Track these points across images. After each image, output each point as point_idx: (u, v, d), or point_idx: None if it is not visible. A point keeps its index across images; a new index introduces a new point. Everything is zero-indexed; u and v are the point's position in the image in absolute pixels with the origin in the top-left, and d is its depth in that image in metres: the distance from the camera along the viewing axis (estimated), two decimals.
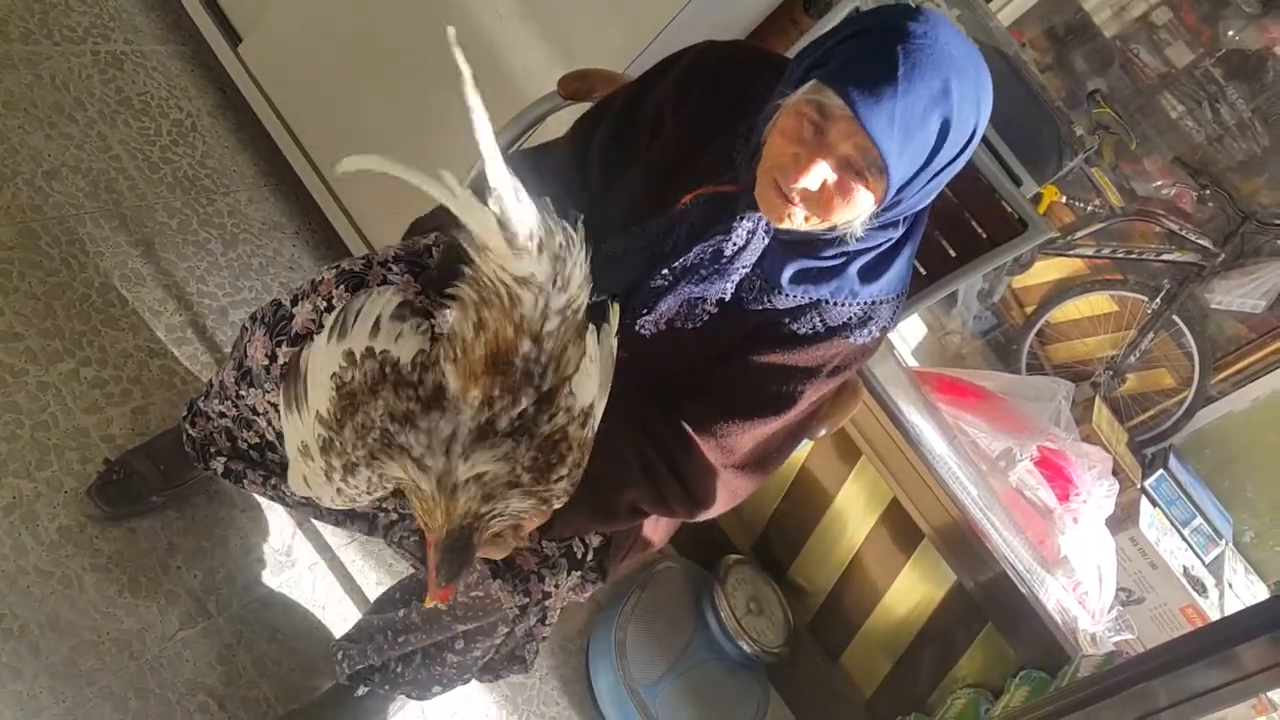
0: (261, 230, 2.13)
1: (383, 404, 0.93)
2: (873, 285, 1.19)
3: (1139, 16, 3.62)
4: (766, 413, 1.21)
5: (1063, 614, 2.07)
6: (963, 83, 1.00)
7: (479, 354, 0.90)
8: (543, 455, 0.95)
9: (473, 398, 0.91)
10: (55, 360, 1.63)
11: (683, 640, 2.09)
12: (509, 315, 0.88)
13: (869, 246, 1.17)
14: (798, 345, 1.19)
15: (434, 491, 0.93)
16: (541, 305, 0.88)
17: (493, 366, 0.90)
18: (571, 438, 0.96)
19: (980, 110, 1.04)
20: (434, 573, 0.94)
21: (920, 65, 0.98)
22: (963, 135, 1.03)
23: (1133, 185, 3.70)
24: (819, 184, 1.05)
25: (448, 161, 1.88)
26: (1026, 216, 1.63)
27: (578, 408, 0.96)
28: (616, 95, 1.29)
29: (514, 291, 0.86)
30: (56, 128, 1.92)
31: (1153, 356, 3.62)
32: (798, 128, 1.04)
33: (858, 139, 1.01)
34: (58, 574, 1.46)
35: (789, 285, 1.17)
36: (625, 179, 1.24)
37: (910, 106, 0.98)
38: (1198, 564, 2.98)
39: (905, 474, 2.04)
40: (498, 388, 0.90)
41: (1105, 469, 2.36)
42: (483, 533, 0.95)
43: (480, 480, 0.93)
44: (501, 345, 0.89)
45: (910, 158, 1.02)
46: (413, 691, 1.42)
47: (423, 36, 1.92)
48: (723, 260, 1.16)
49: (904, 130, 0.99)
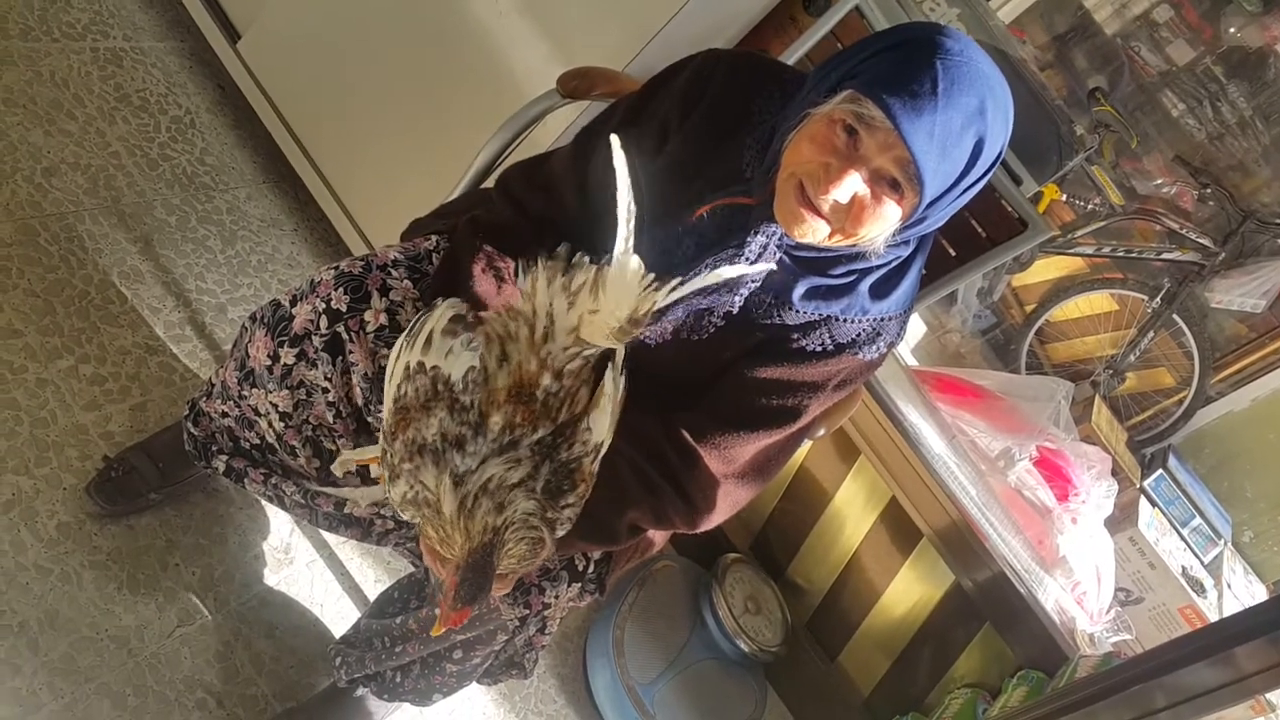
0: (260, 227, 2.13)
1: (437, 423, 0.95)
2: (882, 302, 1.19)
3: (1140, 14, 3.62)
4: (770, 425, 1.20)
5: (1061, 614, 2.07)
6: (995, 102, 1.01)
7: (501, 384, 0.95)
8: (555, 480, 0.97)
9: (494, 423, 0.95)
10: (54, 357, 1.63)
11: (680, 639, 2.10)
12: (535, 350, 0.94)
13: (881, 263, 1.16)
14: (805, 361, 1.19)
15: (453, 514, 0.94)
16: (575, 349, 0.94)
17: (515, 397, 0.95)
18: (584, 470, 0.99)
19: (1007, 130, 1.05)
20: (451, 593, 0.92)
21: (959, 82, 0.98)
22: (992, 154, 1.04)
23: (1133, 183, 3.69)
24: (850, 196, 1.04)
25: (446, 155, 1.89)
26: (1026, 216, 1.63)
27: (593, 442, 0.98)
28: (619, 106, 1.28)
29: (550, 330, 0.94)
30: (56, 124, 1.91)
31: (1152, 356, 3.61)
32: (830, 137, 1.04)
33: (897, 151, 1.00)
34: (57, 570, 1.46)
35: (800, 302, 1.16)
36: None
37: (949, 122, 0.98)
38: (1196, 564, 2.98)
39: (904, 473, 2.04)
40: (519, 415, 0.95)
41: (1104, 469, 2.36)
42: (502, 550, 0.95)
43: (488, 490, 0.94)
44: (525, 379, 0.95)
45: (945, 173, 1.01)
46: (414, 699, 1.43)
47: (422, 34, 1.92)
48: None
49: (941, 145, 0.98)
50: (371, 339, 1.20)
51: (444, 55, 1.91)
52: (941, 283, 1.68)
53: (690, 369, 1.23)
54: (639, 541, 1.36)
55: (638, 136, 1.22)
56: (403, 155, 1.99)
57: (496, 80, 1.86)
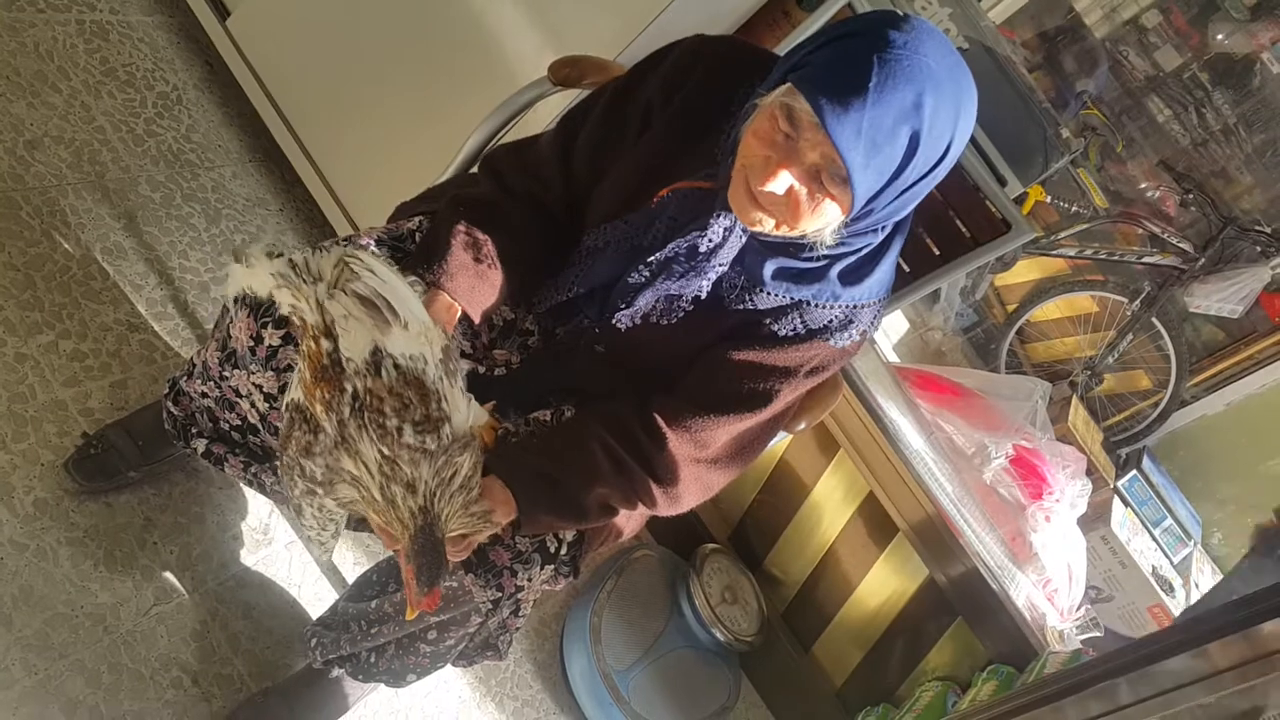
0: (245, 206, 2.12)
1: (294, 443, 1.03)
2: (855, 289, 1.19)
3: (1129, 19, 3.64)
4: (742, 409, 1.21)
5: (1032, 610, 2.10)
6: (938, 97, 0.99)
7: (306, 375, 1.02)
8: (377, 420, 1.01)
9: (320, 412, 1.01)
10: (34, 332, 1.62)
11: (657, 627, 2.11)
12: (308, 332, 1.01)
13: (850, 250, 1.17)
14: (777, 345, 1.20)
15: (382, 512, 1.02)
16: (315, 302, 0.99)
17: (319, 378, 1.01)
18: (376, 389, 1.01)
19: (958, 126, 1.03)
20: (411, 581, 0.98)
21: (894, 77, 0.96)
22: (935, 151, 1.02)
23: (1117, 187, 3.72)
24: (785, 189, 1.04)
25: (435, 139, 1.89)
26: (1011, 217, 1.64)
27: (360, 363, 1.00)
28: (604, 89, 1.28)
29: (300, 309, 1.00)
30: (40, 97, 1.90)
31: (1130, 358, 3.65)
32: (770, 131, 1.04)
33: (824, 148, 1.00)
34: (33, 546, 1.45)
35: (771, 282, 1.17)
36: (610, 172, 1.23)
37: (878, 118, 0.97)
38: (1166, 564, 3.02)
39: (882, 468, 2.06)
40: (326, 391, 1.01)
41: (1079, 469, 2.39)
42: (441, 521, 1.01)
43: (390, 475, 1.01)
44: (314, 358, 1.01)
45: (877, 170, 1.00)
46: (388, 680, 1.43)
47: (413, 15, 1.91)
48: (699, 257, 1.16)
49: (870, 142, 0.97)
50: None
51: (436, 39, 1.90)
52: (924, 281, 1.70)
53: (663, 354, 1.24)
54: (610, 527, 1.37)
55: (621, 121, 1.23)
56: (391, 138, 1.98)
57: (488, 66, 1.86)
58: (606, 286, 1.24)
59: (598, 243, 1.23)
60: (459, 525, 1.05)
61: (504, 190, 1.27)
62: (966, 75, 1.04)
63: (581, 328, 1.29)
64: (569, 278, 1.26)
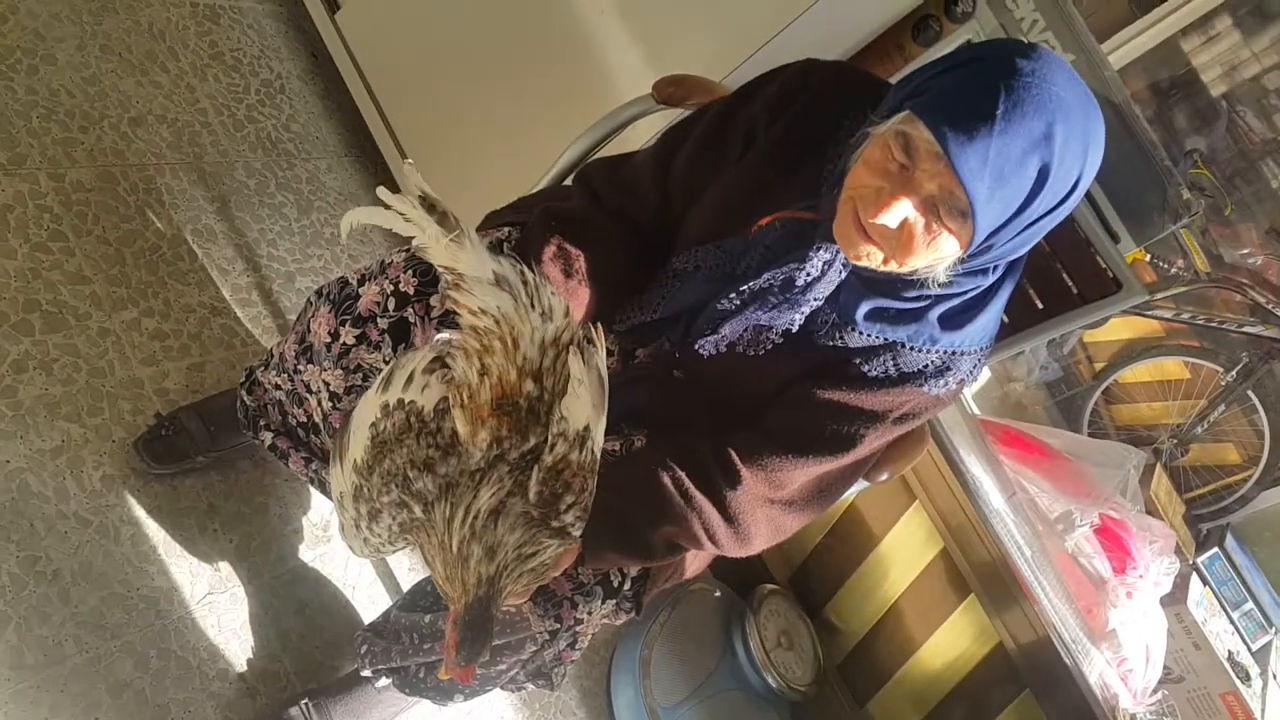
0: (337, 200, 2.12)
1: (406, 450, 0.96)
2: (955, 334, 1.13)
3: (1251, 77, 3.50)
4: (823, 452, 1.15)
5: (1104, 689, 1.99)
6: (1069, 128, 0.93)
7: (485, 398, 0.95)
8: (548, 487, 0.96)
9: (481, 440, 0.95)
10: (119, 308, 1.63)
11: (709, 666, 2.05)
12: (511, 359, 0.94)
13: (957, 292, 1.11)
14: (865, 387, 1.14)
15: (448, 566, 0.96)
16: (539, 340, 0.94)
17: (499, 409, 0.94)
18: (573, 465, 0.96)
19: (1087, 159, 0.97)
20: (452, 650, 0.95)
21: (1023, 105, 0.91)
22: (1064, 184, 0.97)
23: (1220, 251, 3.57)
24: (899, 222, 0.98)
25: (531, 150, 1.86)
26: (1123, 277, 1.57)
27: (572, 431, 0.96)
28: (708, 108, 1.24)
29: (517, 332, 0.94)
30: (148, 75, 1.92)
31: (1221, 430, 3.50)
32: (884, 160, 0.99)
33: (944, 179, 0.95)
34: (96, 523, 1.45)
35: (864, 323, 1.12)
36: (706, 194, 1.19)
37: (1006, 148, 0.91)
38: (1244, 650, 2.88)
39: (959, 525, 1.97)
40: (505, 428, 0.95)
41: (1167, 545, 2.27)
42: (500, 601, 0.96)
43: (476, 533, 0.95)
44: (507, 389, 0.94)
45: (1001, 203, 0.95)
46: (435, 697, 1.40)
47: (520, 25, 1.89)
48: (794, 290, 1.10)
49: (996, 174, 0.92)
50: (435, 324, 1.17)
51: (540, 49, 1.88)
52: (1026, 335, 1.63)
53: (744, 385, 1.19)
54: (677, 562, 1.32)
55: (722, 142, 1.18)
56: (486, 145, 1.97)
57: (590, 79, 1.83)
58: (693, 311, 1.19)
59: (688, 265, 1.18)
60: (511, 598, 1.01)
61: (597, 206, 1.24)
62: (1095, 108, 0.98)
63: (663, 351, 1.25)
64: (654, 298, 1.22)
